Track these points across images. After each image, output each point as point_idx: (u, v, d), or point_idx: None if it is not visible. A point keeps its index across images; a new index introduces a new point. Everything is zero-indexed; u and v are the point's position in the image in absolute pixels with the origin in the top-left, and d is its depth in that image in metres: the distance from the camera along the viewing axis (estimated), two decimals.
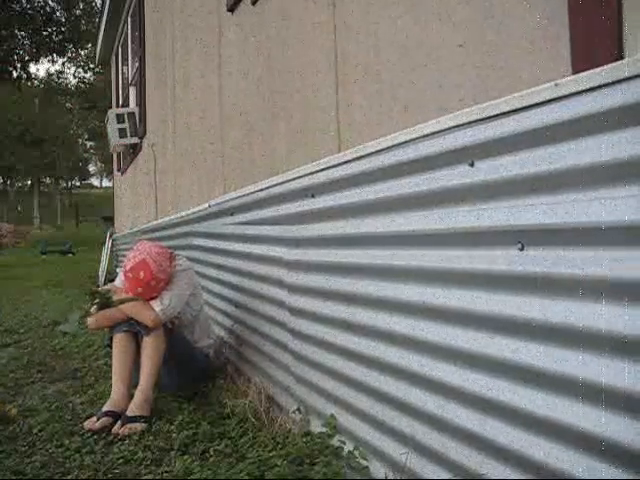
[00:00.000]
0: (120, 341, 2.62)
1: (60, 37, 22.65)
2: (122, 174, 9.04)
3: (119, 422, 2.35)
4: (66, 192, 50.74)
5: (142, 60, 6.63)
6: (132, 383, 2.58)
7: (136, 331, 2.61)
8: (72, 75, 49.49)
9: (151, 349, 2.56)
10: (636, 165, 0.93)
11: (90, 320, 2.72)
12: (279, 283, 2.36)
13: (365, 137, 1.84)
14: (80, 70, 35.71)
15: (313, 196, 2.07)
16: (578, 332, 1.02)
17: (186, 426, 2.29)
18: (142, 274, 2.58)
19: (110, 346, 2.67)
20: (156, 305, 2.60)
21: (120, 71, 9.44)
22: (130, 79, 8.01)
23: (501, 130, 1.20)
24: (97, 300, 2.66)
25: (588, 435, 1.00)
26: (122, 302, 2.62)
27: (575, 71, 1.08)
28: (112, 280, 8.23)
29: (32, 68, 24.53)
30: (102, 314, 2.67)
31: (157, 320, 2.58)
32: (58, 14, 22.29)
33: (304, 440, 1.97)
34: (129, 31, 8.09)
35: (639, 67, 0.91)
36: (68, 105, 40.23)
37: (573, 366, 1.03)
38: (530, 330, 1.12)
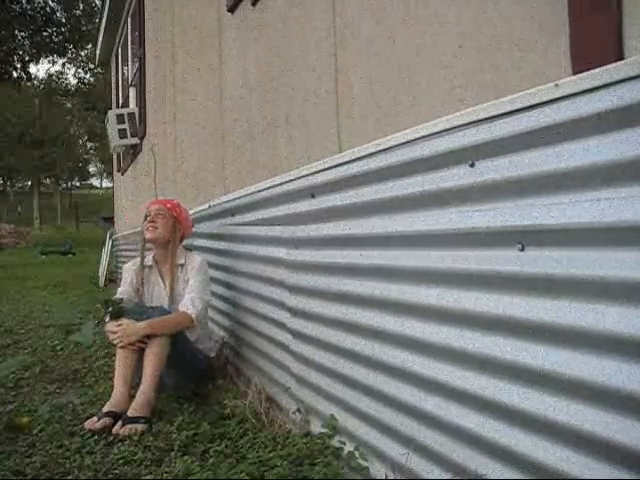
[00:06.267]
0: None
1: (60, 38, 22.66)
2: (122, 175, 9.05)
3: (119, 422, 2.35)
4: (66, 193, 50.74)
5: (142, 60, 6.63)
6: (133, 383, 2.59)
7: None
8: (72, 75, 49.52)
9: (155, 350, 2.56)
10: (636, 165, 0.93)
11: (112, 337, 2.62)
12: (279, 283, 2.36)
13: (365, 138, 1.84)
14: (80, 71, 35.75)
15: (313, 196, 2.07)
16: (578, 332, 1.02)
17: (186, 427, 2.29)
18: (176, 202, 3.05)
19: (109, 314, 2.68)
20: (190, 310, 2.69)
21: (120, 72, 9.44)
22: (130, 80, 8.01)
23: (501, 130, 1.20)
24: (110, 309, 2.66)
25: (588, 435, 1.00)
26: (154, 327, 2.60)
27: (575, 71, 1.08)
28: (112, 280, 8.17)
29: (32, 69, 24.60)
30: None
31: (192, 322, 2.70)
32: (58, 14, 22.30)
33: (304, 441, 1.97)
34: (129, 32, 8.09)
35: (639, 67, 0.91)
36: (68, 105, 40.28)
37: (573, 366, 1.03)
38: (530, 330, 1.12)
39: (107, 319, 2.66)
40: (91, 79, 35.14)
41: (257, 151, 2.99)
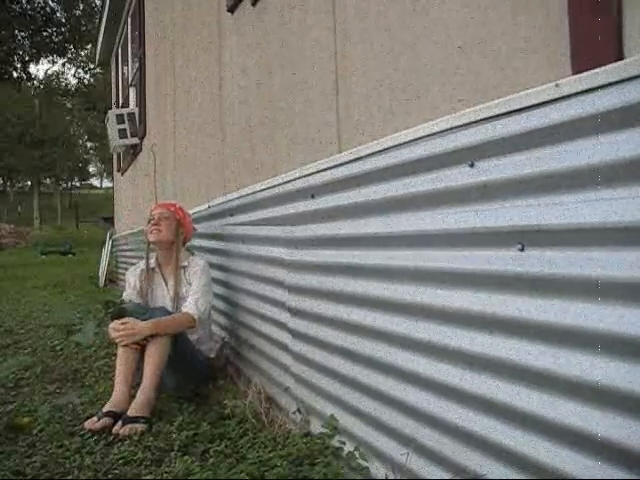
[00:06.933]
0: None
1: (60, 38, 22.67)
2: (122, 175, 9.04)
3: (119, 422, 2.35)
4: (66, 193, 50.74)
5: (142, 60, 6.63)
6: (134, 383, 2.59)
7: None
8: (72, 75, 49.59)
9: (155, 350, 2.56)
10: (636, 165, 0.93)
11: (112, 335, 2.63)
12: (279, 283, 2.36)
13: (365, 138, 1.84)
14: (80, 71, 35.78)
15: (313, 196, 2.07)
16: (578, 332, 1.02)
17: (186, 427, 2.29)
18: (179, 205, 3.10)
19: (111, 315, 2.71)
20: (193, 312, 2.72)
21: (120, 72, 9.44)
22: (130, 80, 8.01)
23: (501, 130, 1.20)
24: (111, 310, 2.67)
25: (588, 435, 0.99)
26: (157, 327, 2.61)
27: (575, 71, 1.08)
28: (112, 281, 8.16)
29: (32, 69, 24.69)
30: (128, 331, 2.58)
31: (194, 323, 2.73)
32: (58, 14, 22.31)
33: (304, 441, 1.97)
34: (129, 31, 8.09)
35: (639, 67, 0.91)
36: (68, 105, 40.29)
37: (573, 366, 1.03)
38: (530, 330, 1.12)
39: (109, 321, 2.67)
40: (91, 79, 35.15)
41: (257, 151, 2.99)
